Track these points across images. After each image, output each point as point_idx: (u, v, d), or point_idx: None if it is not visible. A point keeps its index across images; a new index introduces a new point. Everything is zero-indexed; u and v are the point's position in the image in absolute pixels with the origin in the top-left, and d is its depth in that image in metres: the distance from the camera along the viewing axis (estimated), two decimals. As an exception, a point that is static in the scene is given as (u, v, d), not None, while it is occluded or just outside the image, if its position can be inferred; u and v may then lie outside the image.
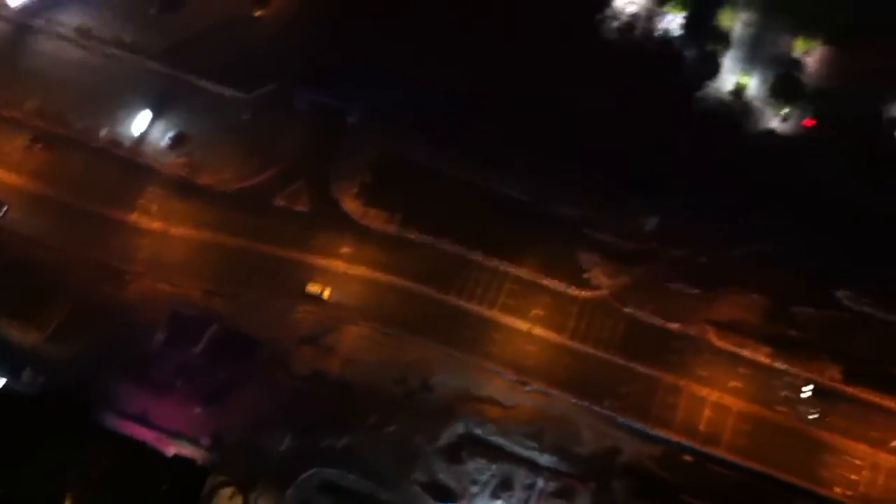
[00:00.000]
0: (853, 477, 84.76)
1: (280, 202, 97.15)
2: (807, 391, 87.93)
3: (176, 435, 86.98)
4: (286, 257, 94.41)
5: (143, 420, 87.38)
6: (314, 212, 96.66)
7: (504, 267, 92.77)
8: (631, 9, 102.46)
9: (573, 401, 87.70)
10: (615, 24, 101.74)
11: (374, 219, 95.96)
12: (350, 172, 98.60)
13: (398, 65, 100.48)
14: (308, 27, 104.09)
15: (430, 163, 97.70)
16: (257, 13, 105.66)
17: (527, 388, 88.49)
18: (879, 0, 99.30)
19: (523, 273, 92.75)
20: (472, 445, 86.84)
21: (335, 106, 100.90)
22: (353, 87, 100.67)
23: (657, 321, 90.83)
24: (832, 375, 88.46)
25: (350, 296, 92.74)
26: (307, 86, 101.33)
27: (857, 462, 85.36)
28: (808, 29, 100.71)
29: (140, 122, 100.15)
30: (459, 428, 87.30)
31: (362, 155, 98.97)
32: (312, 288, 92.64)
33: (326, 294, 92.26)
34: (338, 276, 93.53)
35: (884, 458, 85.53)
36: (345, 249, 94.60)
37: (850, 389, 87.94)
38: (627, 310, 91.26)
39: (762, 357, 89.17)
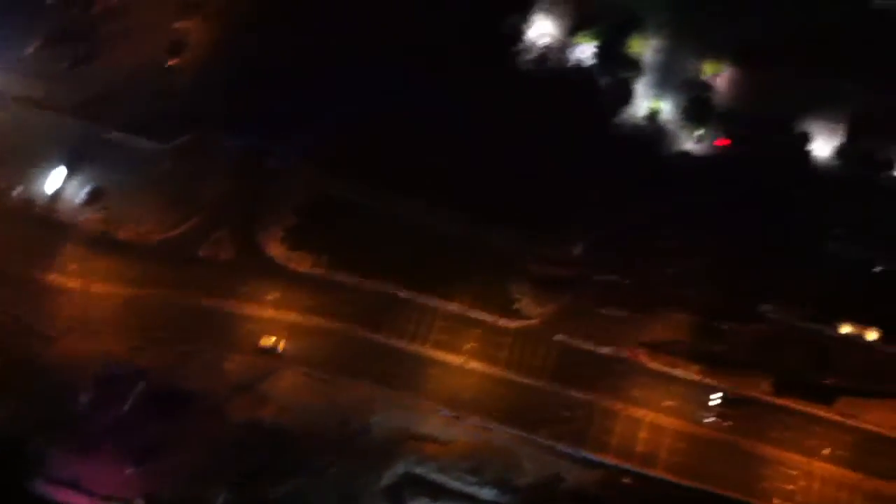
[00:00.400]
0: (790, 487, 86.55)
1: (204, 252, 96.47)
2: (715, 398, 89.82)
3: (108, 498, 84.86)
4: (213, 307, 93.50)
5: (73, 485, 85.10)
6: (239, 259, 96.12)
7: (435, 302, 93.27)
8: (543, 41, 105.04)
9: (512, 432, 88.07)
10: (529, 56, 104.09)
11: (301, 262, 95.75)
12: (274, 217, 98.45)
13: (315, 105, 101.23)
14: (223, 73, 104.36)
15: (355, 200, 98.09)
16: (171, 62, 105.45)
17: (465, 423, 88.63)
18: (780, 21, 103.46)
19: (454, 307, 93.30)
20: (414, 485, 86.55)
21: (255, 150, 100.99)
22: (271, 130, 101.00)
23: (589, 346, 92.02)
24: (763, 388, 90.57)
25: (281, 342, 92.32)
26: (226, 132, 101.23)
27: (793, 472, 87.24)
28: (714, 52, 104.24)
29: (55, 178, 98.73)
30: (400, 468, 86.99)
31: (286, 198, 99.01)
32: (266, 342, 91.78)
33: (282, 346, 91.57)
34: (267, 322, 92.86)
35: (818, 467, 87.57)
36: (273, 295, 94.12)
37: (781, 401, 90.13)
38: (559, 337, 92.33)
39: (694, 375, 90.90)
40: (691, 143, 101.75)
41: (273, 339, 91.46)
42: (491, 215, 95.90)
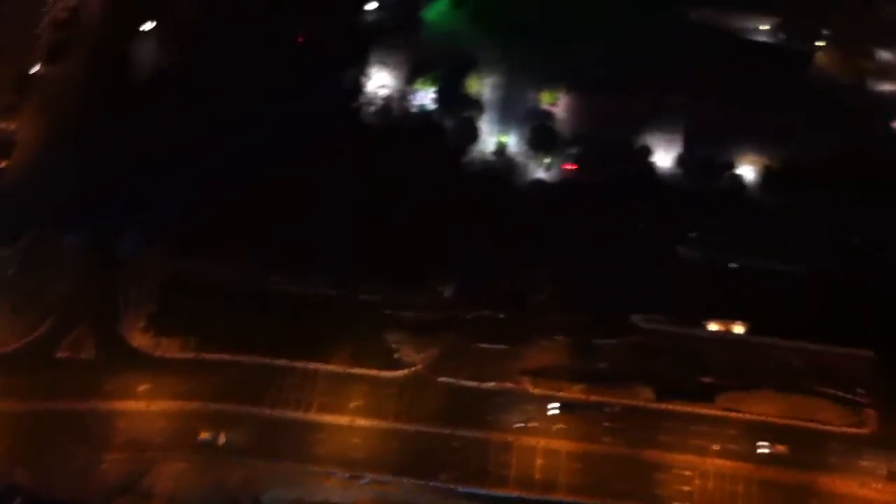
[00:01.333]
0: (686, 489, 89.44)
1: (63, 353, 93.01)
2: (553, 408, 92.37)
3: None
4: (80, 409, 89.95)
5: None
6: (102, 355, 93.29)
7: (313, 366, 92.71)
8: (384, 91, 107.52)
9: (411, 482, 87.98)
10: (372, 108, 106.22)
11: (169, 348, 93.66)
12: (134, 306, 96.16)
13: (156, 188, 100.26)
14: (57, 168, 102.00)
15: (217, 276, 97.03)
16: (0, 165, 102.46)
17: (362, 482, 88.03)
18: (608, 45, 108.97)
19: (334, 368, 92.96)
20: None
21: (101, 242, 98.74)
22: (115, 219, 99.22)
23: (474, 383, 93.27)
24: (646, 396, 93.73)
25: (158, 432, 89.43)
26: (68, 227, 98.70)
27: (687, 473, 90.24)
28: (550, 81, 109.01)
29: None
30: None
31: (143, 285, 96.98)
32: (205, 435, 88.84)
33: (222, 439, 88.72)
34: (141, 415, 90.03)
35: (710, 464, 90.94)
36: (143, 387, 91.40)
37: (665, 406, 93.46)
38: (444, 379, 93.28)
39: (578, 395, 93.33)
40: (541, 171, 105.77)
41: (210, 432, 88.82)
42: (356, 272, 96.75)
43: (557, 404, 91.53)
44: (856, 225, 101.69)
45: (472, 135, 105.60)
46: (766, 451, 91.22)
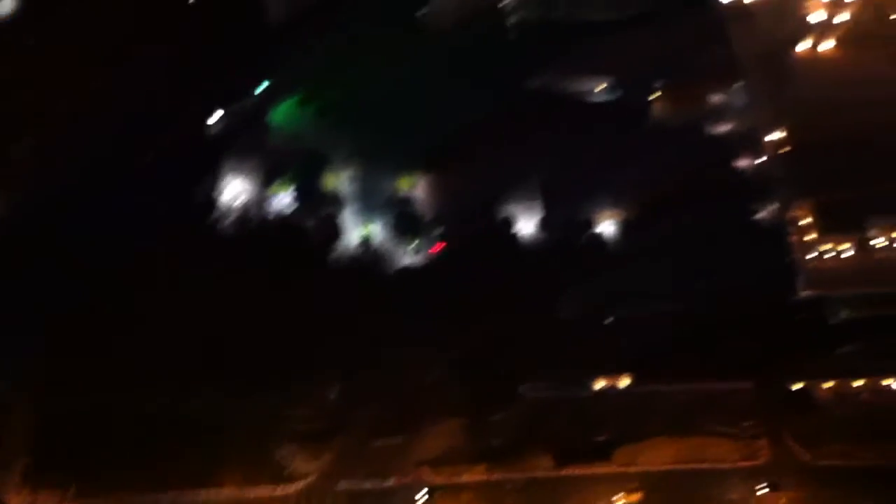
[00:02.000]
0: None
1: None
2: (420, 498, 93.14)
3: None
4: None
5: None
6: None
7: (203, 495, 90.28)
8: (239, 201, 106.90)
9: None
10: (228, 220, 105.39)
11: (48, 502, 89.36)
12: (5, 460, 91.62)
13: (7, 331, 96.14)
14: None
15: (91, 410, 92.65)
16: None
17: None
18: (459, 128, 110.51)
19: (227, 493, 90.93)
20: None
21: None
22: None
23: (374, 483, 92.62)
24: (545, 465, 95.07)
25: None
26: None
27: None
28: (405, 166, 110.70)
29: None
30: None
31: (9, 436, 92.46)
32: None
33: None
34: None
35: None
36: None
37: (565, 472, 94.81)
38: (343, 485, 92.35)
39: (480, 475, 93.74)
40: (410, 256, 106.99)
41: None
42: (232, 388, 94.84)
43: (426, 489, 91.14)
44: (713, 261, 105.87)
45: (335, 231, 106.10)
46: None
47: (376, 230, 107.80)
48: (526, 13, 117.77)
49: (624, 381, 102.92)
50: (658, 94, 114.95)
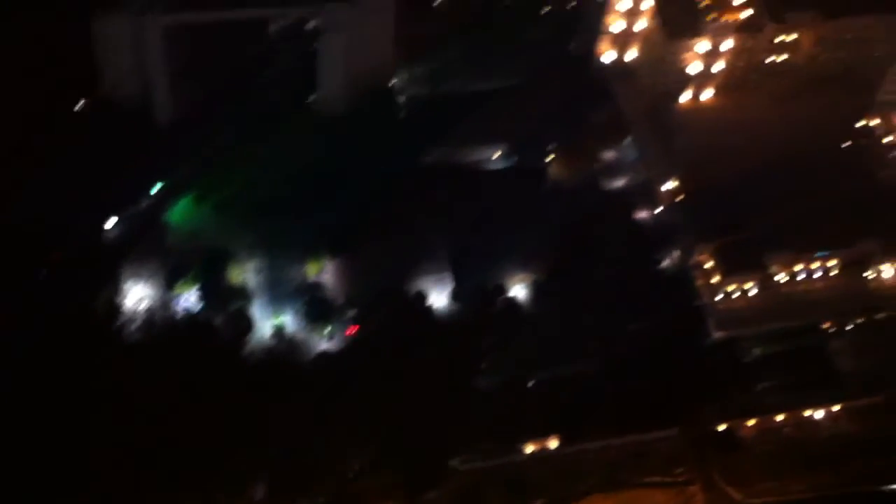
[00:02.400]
0: None
1: None
2: None
3: None
4: None
5: None
6: None
7: None
8: (143, 304, 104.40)
9: None
10: (134, 325, 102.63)
11: None
12: None
13: None
14: None
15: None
16: None
17: None
18: (360, 209, 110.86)
19: None
20: None
21: None
22: None
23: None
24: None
25: None
26: None
27: None
28: (311, 252, 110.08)
29: None
30: None
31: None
32: None
33: None
34: None
35: None
36: None
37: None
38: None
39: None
40: (324, 342, 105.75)
41: None
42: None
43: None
44: (624, 313, 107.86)
45: (246, 325, 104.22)
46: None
47: (288, 320, 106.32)
48: (415, 90, 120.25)
49: (553, 443, 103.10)
50: (552, 155, 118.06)
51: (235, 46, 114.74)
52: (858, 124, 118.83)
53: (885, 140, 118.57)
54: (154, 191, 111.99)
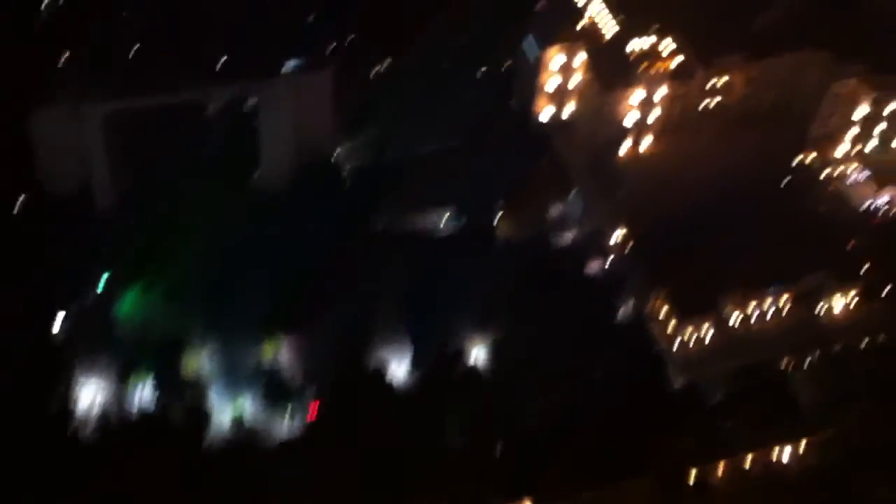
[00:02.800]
0: None
1: None
2: None
3: None
4: None
5: None
6: None
7: None
8: (97, 405, 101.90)
9: None
10: (90, 427, 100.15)
11: None
12: None
13: None
14: None
15: None
16: None
17: None
18: (314, 284, 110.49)
19: None
20: None
21: None
22: None
23: None
24: None
25: None
26: None
27: None
28: (266, 333, 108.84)
29: None
30: None
31: None
32: None
33: None
34: None
35: None
36: None
37: None
38: None
39: None
40: (286, 422, 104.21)
41: None
42: None
43: None
44: (586, 367, 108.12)
45: (207, 419, 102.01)
46: None
47: (248, 406, 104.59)
48: (359, 159, 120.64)
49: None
50: (500, 214, 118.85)
51: (174, 130, 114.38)
52: (796, 160, 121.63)
53: (823, 174, 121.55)
54: (100, 283, 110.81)
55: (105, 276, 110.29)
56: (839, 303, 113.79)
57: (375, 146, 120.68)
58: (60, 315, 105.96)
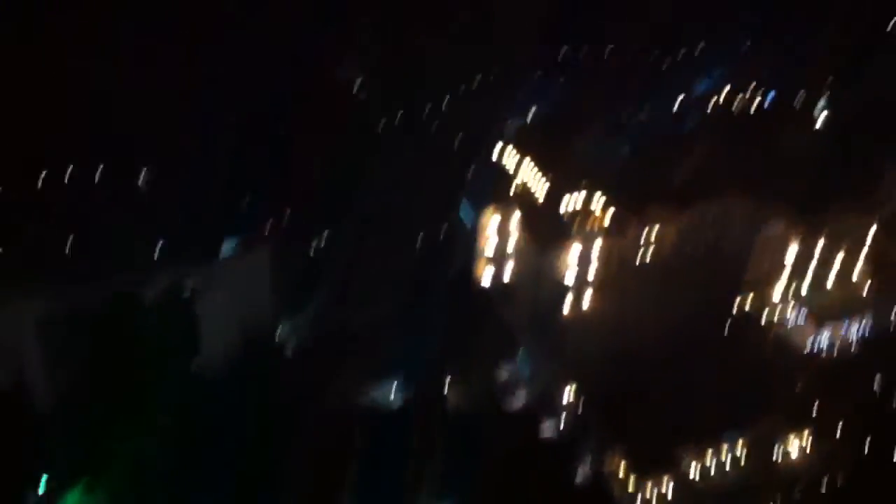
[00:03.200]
0: None
1: None
2: None
3: None
4: None
5: None
6: None
7: None
8: None
9: None
10: None
11: None
12: None
13: None
14: None
15: None
16: None
17: None
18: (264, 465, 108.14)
19: None
20: None
21: None
22: None
23: None
24: None
25: None
26: None
27: None
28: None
29: None
30: None
31: None
32: None
33: None
34: None
35: None
36: None
37: None
38: None
39: None
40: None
41: None
42: None
43: None
44: None
45: None
46: None
47: None
48: (301, 336, 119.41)
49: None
50: (448, 381, 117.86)
51: (110, 319, 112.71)
52: (736, 305, 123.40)
53: (763, 317, 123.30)
54: (41, 485, 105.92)
55: (45, 477, 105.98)
56: (795, 445, 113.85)
57: (318, 321, 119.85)
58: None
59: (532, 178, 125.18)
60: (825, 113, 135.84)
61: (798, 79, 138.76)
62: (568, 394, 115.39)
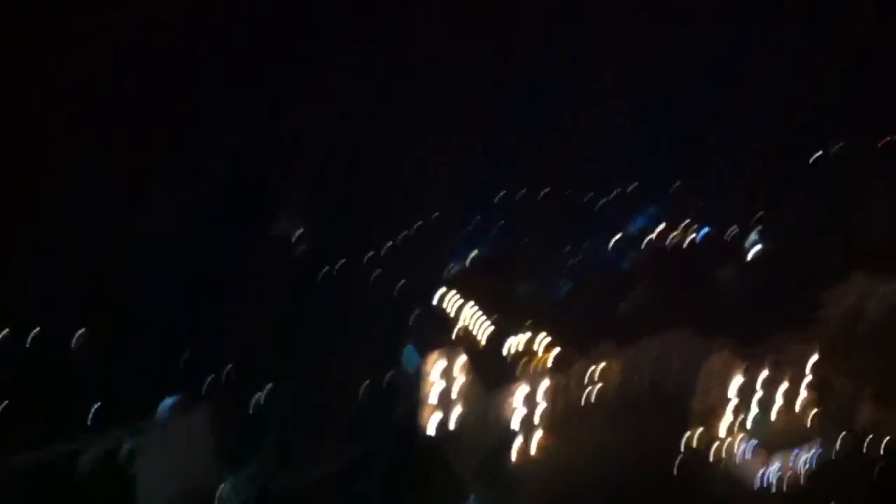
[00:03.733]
0: None
1: None
2: None
3: None
4: None
5: None
6: None
7: None
8: None
9: None
10: None
11: None
12: None
13: None
14: None
15: None
16: None
17: None
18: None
19: None
20: None
21: None
22: None
23: None
24: None
25: None
26: None
27: None
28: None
29: None
30: None
31: None
32: None
33: None
34: None
35: None
36: None
37: None
38: None
39: None
40: None
41: None
42: None
43: None
44: None
45: None
46: None
47: None
48: (241, 499, 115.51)
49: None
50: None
51: (48, 486, 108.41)
52: (683, 440, 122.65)
53: (711, 451, 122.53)
54: None
55: None
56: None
57: (260, 480, 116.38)
58: None
59: (475, 320, 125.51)
60: (757, 246, 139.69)
61: (729, 213, 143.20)
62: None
